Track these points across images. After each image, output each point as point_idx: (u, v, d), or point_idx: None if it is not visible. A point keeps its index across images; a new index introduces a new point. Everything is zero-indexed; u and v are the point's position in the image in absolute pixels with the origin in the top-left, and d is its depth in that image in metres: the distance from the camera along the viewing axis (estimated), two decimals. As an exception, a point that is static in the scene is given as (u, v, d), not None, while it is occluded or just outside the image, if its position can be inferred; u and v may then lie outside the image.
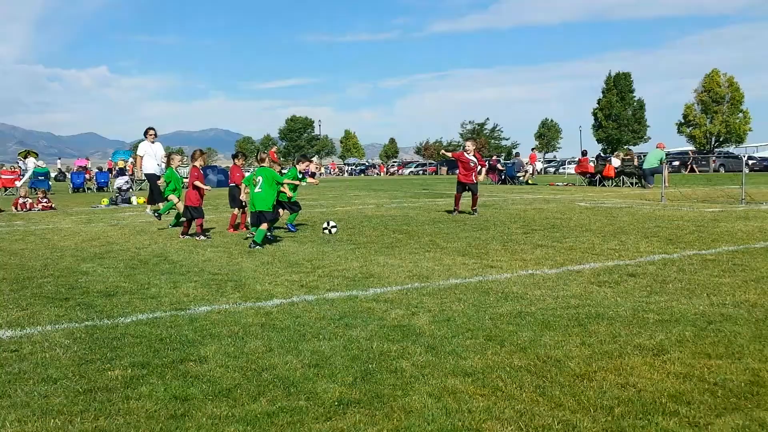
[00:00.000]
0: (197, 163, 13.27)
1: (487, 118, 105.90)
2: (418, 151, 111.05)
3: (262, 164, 11.98)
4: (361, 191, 32.89)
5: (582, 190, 29.90)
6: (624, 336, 5.38)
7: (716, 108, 74.07)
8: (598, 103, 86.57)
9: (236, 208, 14.08)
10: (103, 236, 13.39)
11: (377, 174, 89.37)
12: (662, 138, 15.73)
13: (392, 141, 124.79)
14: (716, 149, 72.06)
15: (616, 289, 7.23)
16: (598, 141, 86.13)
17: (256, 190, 11.47)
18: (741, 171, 21.68)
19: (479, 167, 17.46)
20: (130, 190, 28.56)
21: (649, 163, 30.70)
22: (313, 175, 16.05)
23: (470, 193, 16.82)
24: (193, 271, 8.87)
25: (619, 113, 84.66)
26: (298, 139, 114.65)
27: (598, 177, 34.09)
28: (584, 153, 39.94)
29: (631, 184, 32.32)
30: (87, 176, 39.65)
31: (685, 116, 76.65)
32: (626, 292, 7.10)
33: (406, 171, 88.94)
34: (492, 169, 41.26)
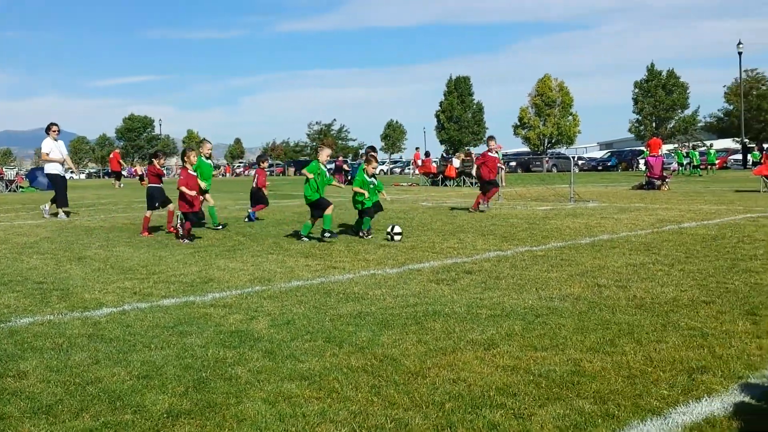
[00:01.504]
0: (188, 165, 12.29)
1: (335, 119, 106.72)
2: (265, 152, 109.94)
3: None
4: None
5: (426, 190, 30.78)
6: (458, 332, 5.54)
7: (548, 111, 78.44)
8: (440, 106, 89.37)
9: (150, 210, 13.27)
10: None
11: (222, 175, 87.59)
12: (499, 140, 16.40)
13: (238, 141, 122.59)
14: (549, 150, 76.34)
15: (453, 287, 7.45)
16: (441, 142, 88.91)
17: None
18: (570, 171, 23.09)
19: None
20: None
21: (488, 163, 32.04)
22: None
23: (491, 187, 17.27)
24: (15, 280, 8.26)
25: (459, 116, 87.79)
26: (137, 139, 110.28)
27: (440, 177, 35.18)
28: (427, 154, 41.06)
29: (471, 184, 33.60)
30: None
31: (520, 119, 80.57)
32: (462, 288, 7.33)
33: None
34: (338, 170, 41.55)
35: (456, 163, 35.41)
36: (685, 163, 46.80)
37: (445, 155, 55.40)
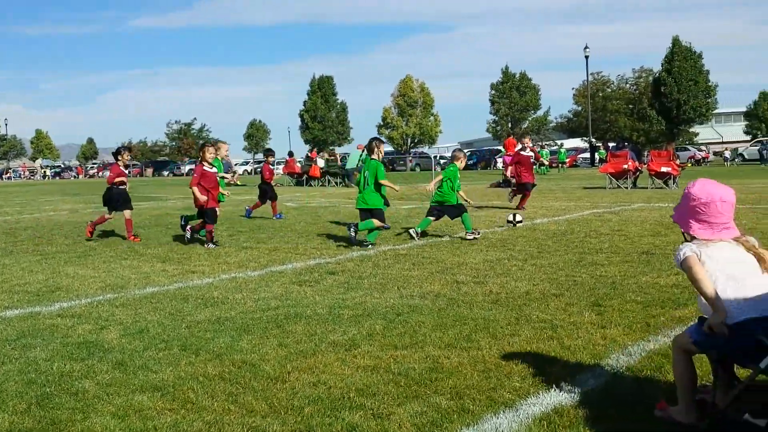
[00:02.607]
0: (205, 164, 11.31)
1: (195, 118, 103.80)
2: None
3: (372, 156, 10.70)
4: (54, 196, 30.48)
5: (290, 190, 30.51)
6: (320, 334, 5.50)
7: (411, 111, 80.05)
8: (305, 105, 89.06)
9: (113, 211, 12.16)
10: None
11: (75, 177, 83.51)
12: (365, 140, 16.51)
13: (91, 141, 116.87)
14: (412, 149, 77.90)
15: (316, 288, 7.41)
16: (306, 142, 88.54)
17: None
18: (432, 169, 23.65)
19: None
20: None
21: (352, 163, 32.30)
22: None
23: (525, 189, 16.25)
24: None
25: (323, 115, 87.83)
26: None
27: (305, 177, 35.05)
28: (290, 154, 40.80)
29: (336, 183, 33.71)
30: None
31: (384, 119, 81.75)
32: (325, 290, 7.30)
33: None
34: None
35: (320, 162, 35.42)
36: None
37: (309, 155, 55.22)
